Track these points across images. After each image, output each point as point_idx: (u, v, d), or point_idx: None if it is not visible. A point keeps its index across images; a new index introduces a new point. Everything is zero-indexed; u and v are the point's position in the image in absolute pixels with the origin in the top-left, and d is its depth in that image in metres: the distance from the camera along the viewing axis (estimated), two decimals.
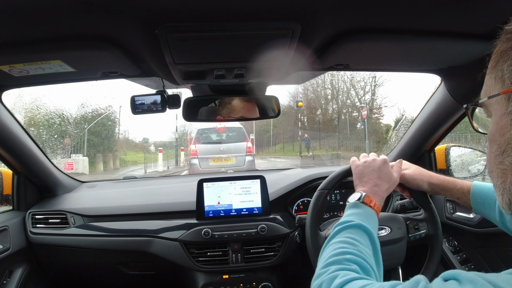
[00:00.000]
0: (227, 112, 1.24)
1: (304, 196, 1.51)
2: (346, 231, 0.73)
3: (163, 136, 41.74)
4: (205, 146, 8.77)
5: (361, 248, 0.67)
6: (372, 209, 0.82)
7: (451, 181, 0.95)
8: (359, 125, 22.05)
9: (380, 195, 0.88)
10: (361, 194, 0.85)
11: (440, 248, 1.03)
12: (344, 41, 0.83)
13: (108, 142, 16.05)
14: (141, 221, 1.42)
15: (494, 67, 0.46)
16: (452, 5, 0.68)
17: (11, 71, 0.91)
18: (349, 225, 0.74)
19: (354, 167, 0.98)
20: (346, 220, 0.76)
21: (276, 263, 1.34)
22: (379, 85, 21.46)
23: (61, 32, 0.74)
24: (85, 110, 14.07)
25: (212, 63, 0.92)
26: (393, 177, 0.94)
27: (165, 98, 1.16)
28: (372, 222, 0.78)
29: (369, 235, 0.72)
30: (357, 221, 0.75)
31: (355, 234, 0.71)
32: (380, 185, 0.90)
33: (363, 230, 0.73)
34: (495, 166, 0.47)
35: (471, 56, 0.96)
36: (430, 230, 1.04)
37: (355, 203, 0.83)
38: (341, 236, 0.71)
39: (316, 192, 1.08)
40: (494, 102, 0.46)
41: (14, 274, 1.31)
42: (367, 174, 0.93)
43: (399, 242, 1.04)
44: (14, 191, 1.45)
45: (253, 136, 28.78)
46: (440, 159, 1.53)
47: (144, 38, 0.77)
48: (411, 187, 1.02)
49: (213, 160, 8.46)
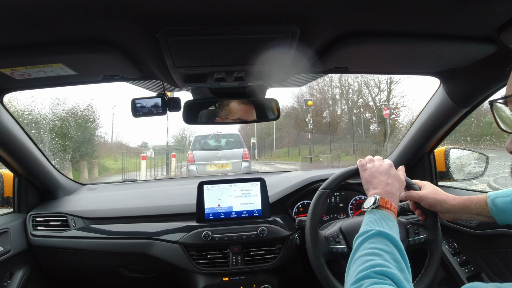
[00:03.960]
0: (227, 115, 1.24)
1: (304, 199, 1.51)
2: (368, 242, 0.71)
3: (162, 140, 41.33)
4: (202, 152, 8.90)
5: (387, 257, 0.66)
6: (389, 210, 0.81)
7: (466, 198, 0.93)
8: (373, 127, 20.73)
9: (394, 194, 0.87)
10: (376, 198, 0.83)
11: (439, 253, 1.03)
12: (343, 44, 0.84)
13: (86, 147, 13.11)
14: (142, 224, 1.42)
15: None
16: (451, 8, 0.69)
17: (13, 74, 0.91)
18: (370, 235, 0.72)
19: (363, 170, 0.96)
20: (366, 230, 0.75)
21: (276, 265, 1.34)
22: (395, 82, 19.33)
23: (62, 35, 0.74)
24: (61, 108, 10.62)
25: (212, 66, 0.92)
26: (401, 178, 0.93)
27: (166, 101, 1.17)
28: (391, 225, 0.77)
29: (391, 240, 0.71)
30: (376, 228, 0.73)
31: (378, 243, 0.70)
32: (392, 184, 0.88)
33: (384, 236, 0.72)
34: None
35: (470, 58, 0.96)
36: (430, 236, 1.03)
37: (371, 210, 0.82)
38: (365, 248, 0.70)
39: (317, 191, 1.07)
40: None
41: (15, 276, 1.31)
42: (377, 176, 0.91)
43: None
44: (15, 193, 1.45)
45: (254, 139, 27.70)
46: (439, 161, 1.53)
47: (145, 42, 0.77)
48: (426, 207, 1.00)
49: (210, 166, 8.55)
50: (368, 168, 0.95)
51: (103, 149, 17.27)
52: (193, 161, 8.66)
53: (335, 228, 1.11)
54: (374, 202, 0.82)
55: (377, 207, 0.82)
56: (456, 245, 1.34)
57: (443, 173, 1.51)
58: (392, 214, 0.81)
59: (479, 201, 0.90)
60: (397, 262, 0.66)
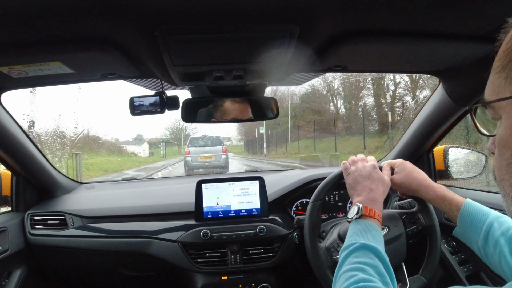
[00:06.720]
0: (225, 113, 1.24)
1: (303, 197, 1.51)
2: (352, 256, 0.72)
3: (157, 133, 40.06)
4: (195, 148, 13.63)
5: (371, 271, 0.66)
6: (373, 219, 0.81)
7: (439, 195, 0.90)
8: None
9: (378, 200, 0.86)
10: (359, 207, 0.83)
11: (438, 237, 1.04)
12: (342, 43, 0.84)
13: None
14: (140, 223, 1.42)
15: (505, 66, 0.42)
16: (451, 7, 0.69)
17: (10, 72, 0.91)
18: (354, 249, 0.73)
19: (346, 175, 0.96)
20: (350, 243, 0.75)
21: (275, 264, 1.34)
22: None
23: (59, 33, 0.74)
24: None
25: (210, 64, 0.92)
26: (385, 180, 0.93)
27: (164, 99, 1.17)
28: (375, 235, 0.77)
29: (375, 253, 0.71)
30: (360, 241, 0.74)
31: (362, 256, 0.70)
32: (375, 189, 0.88)
33: (368, 249, 0.72)
34: (509, 175, 0.43)
35: (469, 57, 0.96)
36: (426, 221, 1.05)
37: (355, 220, 0.82)
38: (349, 263, 0.70)
39: (308, 205, 1.08)
40: (505, 105, 0.42)
41: (13, 276, 1.30)
42: (361, 182, 0.91)
43: (399, 239, 1.04)
44: (13, 192, 1.44)
45: (263, 129, 24.62)
46: (438, 160, 1.53)
47: (142, 40, 0.77)
48: (399, 192, 1.01)
49: (200, 158, 13.16)
50: (351, 172, 0.94)
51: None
52: (189, 154, 13.33)
53: (334, 237, 1.11)
54: (357, 212, 0.82)
55: (361, 217, 0.82)
56: (455, 244, 1.34)
57: (442, 172, 1.51)
58: (376, 223, 0.81)
59: (450, 204, 0.87)
60: (381, 275, 0.66)
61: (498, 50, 0.44)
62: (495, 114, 0.45)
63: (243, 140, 42.38)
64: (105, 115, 60.98)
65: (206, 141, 14.09)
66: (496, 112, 0.45)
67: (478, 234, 0.79)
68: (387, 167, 1.00)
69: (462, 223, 0.84)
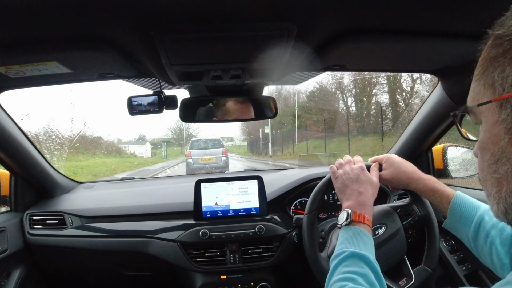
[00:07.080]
0: (224, 113, 1.24)
1: (301, 196, 1.51)
2: (342, 265, 0.72)
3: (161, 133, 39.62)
4: (197, 151, 14.19)
5: (361, 280, 0.67)
6: (363, 224, 0.81)
7: (430, 187, 0.90)
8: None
9: (367, 204, 0.86)
10: (348, 213, 0.83)
11: (435, 225, 1.04)
12: (341, 41, 0.83)
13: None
14: (139, 222, 1.42)
15: (483, 73, 0.46)
16: (449, 6, 0.68)
17: (8, 72, 0.91)
18: (343, 257, 0.73)
19: (334, 178, 0.96)
20: (340, 251, 0.75)
21: (274, 263, 1.34)
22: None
23: (57, 33, 0.73)
24: None
25: (208, 64, 0.92)
26: (373, 181, 0.93)
27: (162, 98, 1.16)
28: (365, 241, 0.77)
29: (365, 261, 0.72)
30: (350, 249, 0.74)
31: (352, 265, 0.71)
32: (364, 192, 0.88)
33: (358, 257, 0.72)
34: (489, 175, 0.45)
35: (468, 56, 0.95)
36: (421, 211, 1.05)
37: (344, 227, 0.82)
38: (339, 273, 0.70)
39: (304, 217, 1.07)
40: (484, 110, 0.45)
41: (12, 276, 1.30)
42: (349, 185, 0.90)
43: (398, 234, 1.04)
44: (11, 192, 1.44)
45: (268, 129, 22.49)
46: (437, 159, 1.53)
47: (139, 39, 0.77)
48: (390, 186, 1.02)
49: (201, 159, 13.69)
50: (339, 176, 0.94)
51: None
52: (190, 156, 13.90)
53: (334, 244, 1.10)
54: (346, 218, 0.82)
55: (351, 223, 0.81)
56: (454, 243, 1.34)
57: (441, 171, 1.51)
58: (366, 228, 0.81)
59: (441, 197, 0.88)
60: (371, 284, 0.67)
61: (478, 59, 0.48)
62: (477, 119, 0.48)
63: (247, 140, 41.78)
64: (106, 115, 60.87)
65: (206, 143, 14.82)
66: (477, 117, 0.48)
67: (468, 226, 0.80)
68: (374, 166, 0.99)
69: (452, 215, 0.84)
